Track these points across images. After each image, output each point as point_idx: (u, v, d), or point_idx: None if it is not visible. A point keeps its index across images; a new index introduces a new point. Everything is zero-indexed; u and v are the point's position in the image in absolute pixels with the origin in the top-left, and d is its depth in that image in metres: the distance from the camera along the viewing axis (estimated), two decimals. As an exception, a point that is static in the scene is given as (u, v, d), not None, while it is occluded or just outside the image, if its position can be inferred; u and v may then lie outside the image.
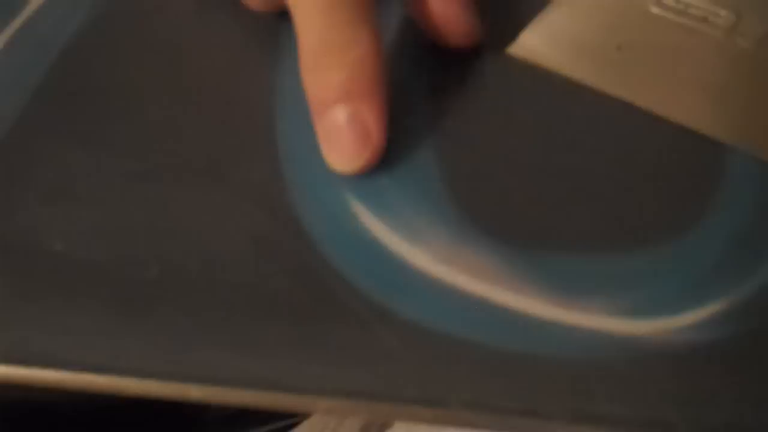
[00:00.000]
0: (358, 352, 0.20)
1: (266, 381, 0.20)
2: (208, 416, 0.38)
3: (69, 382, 0.20)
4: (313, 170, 0.23)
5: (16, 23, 0.27)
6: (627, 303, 0.20)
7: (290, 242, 0.21)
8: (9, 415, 0.29)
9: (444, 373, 0.20)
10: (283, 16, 0.25)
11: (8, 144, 0.24)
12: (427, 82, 0.25)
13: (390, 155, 0.23)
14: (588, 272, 0.21)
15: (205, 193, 0.23)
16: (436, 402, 0.19)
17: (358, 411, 0.20)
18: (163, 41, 0.27)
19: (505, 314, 0.20)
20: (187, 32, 0.27)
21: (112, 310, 0.21)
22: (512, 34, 0.25)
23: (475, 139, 0.23)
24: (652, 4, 0.26)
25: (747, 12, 0.25)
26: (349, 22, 0.22)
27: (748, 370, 0.19)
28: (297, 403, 0.20)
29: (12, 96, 0.25)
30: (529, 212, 0.22)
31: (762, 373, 0.19)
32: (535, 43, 0.25)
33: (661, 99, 0.24)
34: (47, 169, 0.23)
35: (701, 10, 0.25)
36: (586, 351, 0.20)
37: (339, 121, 0.22)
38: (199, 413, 0.38)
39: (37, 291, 0.21)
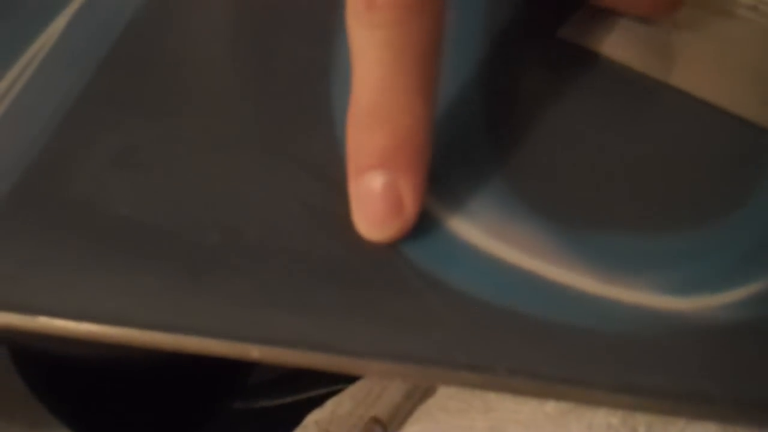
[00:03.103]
0: (409, 318, 0.21)
1: (322, 343, 0.21)
2: (249, 382, 0.39)
3: (133, 339, 0.21)
4: None
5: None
6: (671, 280, 0.21)
7: (343, 213, 0.22)
8: (73, 375, 0.30)
9: (491, 341, 0.20)
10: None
11: (75, 113, 0.25)
12: (476, 62, 0.25)
13: (442, 133, 0.24)
14: (634, 250, 0.21)
15: (263, 164, 0.24)
16: (483, 368, 0.20)
17: (408, 375, 0.21)
18: (226, 17, 0.28)
19: (552, 287, 0.21)
20: (247, 10, 0.28)
21: (175, 271, 0.22)
22: (562, 17, 0.26)
23: (526, 118, 0.24)
24: (702, -8, 0.26)
25: (795, 0, 0.26)
26: (405, 90, 0.22)
27: (786, 347, 0.20)
28: (351, 365, 0.21)
29: (78, 67, 0.26)
30: (576, 191, 0.23)
31: (800, 351, 0.20)
32: (584, 26, 0.26)
33: (708, 85, 0.24)
34: (114, 137, 0.24)
35: (751, -2, 0.26)
36: (630, 325, 0.20)
37: (373, 187, 0.22)
38: (243, 378, 0.39)
39: (105, 253, 0.22)
